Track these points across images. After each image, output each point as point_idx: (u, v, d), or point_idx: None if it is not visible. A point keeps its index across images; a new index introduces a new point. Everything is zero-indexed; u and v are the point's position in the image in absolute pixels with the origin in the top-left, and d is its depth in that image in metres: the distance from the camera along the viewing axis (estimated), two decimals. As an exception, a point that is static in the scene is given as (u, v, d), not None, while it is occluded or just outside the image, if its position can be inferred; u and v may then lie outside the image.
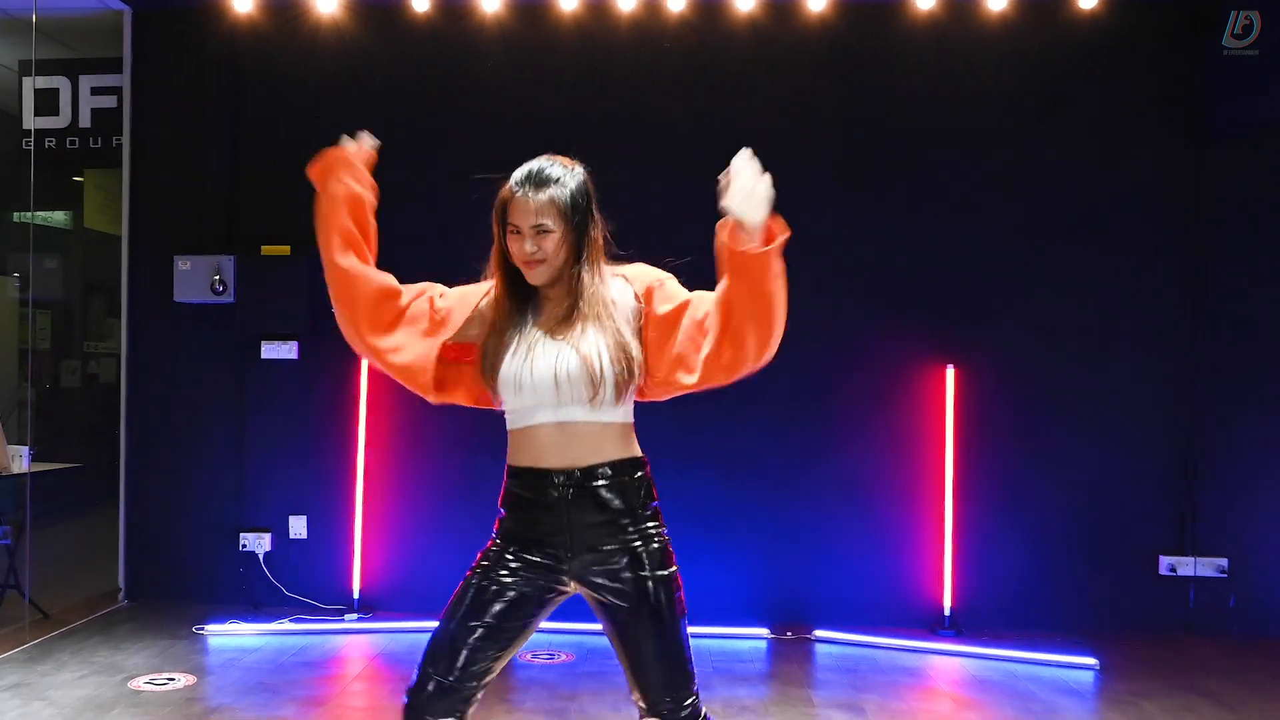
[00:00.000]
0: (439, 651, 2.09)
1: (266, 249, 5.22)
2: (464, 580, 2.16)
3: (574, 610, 4.83)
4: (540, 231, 2.01)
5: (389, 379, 4.73)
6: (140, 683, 4.20)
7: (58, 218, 6.57)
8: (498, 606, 2.09)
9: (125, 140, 5.45)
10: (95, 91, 5.63)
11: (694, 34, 5.23)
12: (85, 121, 5.63)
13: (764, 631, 4.99)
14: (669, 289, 2.14)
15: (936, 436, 5.19)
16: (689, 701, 2.10)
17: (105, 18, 5.48)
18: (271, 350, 5.30)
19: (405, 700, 2.12)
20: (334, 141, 2.32)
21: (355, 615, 5.17)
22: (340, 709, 4.07)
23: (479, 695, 2.11)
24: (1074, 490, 5.20)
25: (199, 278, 5.12)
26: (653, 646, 2.07)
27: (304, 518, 5.39)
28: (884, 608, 5.21)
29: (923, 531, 5.22)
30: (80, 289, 8.00)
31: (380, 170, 4.64)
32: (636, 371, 2.08)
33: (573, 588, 2.14)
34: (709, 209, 5.48)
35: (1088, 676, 4.50)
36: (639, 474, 2.12)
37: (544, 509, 2.09)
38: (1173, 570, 5.14)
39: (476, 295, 2.21)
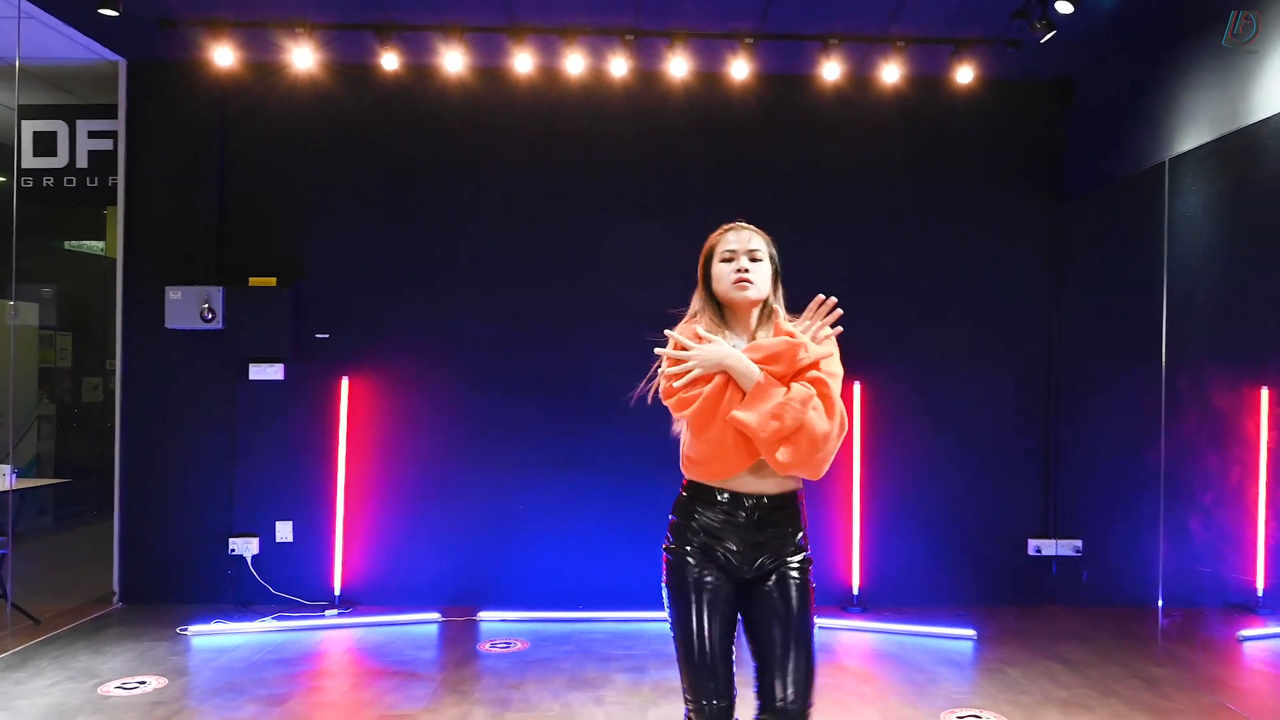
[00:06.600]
0: (705, 675, 2.09)
1: (254, 280, 5.06)
2: (684, 598, 2.11)
3: (529, 599, 4.94)
4: (754, 258, 2.18)
5: (368, 398, 4.99)
6: (111, 687, 3.90)
7: (95, 246, 6.43)
8: (726, 618, 2.12)
9: (120, 180, 5.19)
10: (92, 135, 5.49)
11: (635, 98, 5.22)
12: (82, 162, 5.48)
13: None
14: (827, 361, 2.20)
15: (846, 445, 5.25)
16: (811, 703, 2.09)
17: (102, 67, 5.20)
18: (259, 372, 5.15)
19: None
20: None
21: (336, 610, 4.99)
22: (299, 706, 3.75)
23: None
24: (958, 485, 5.26)
25: (189, 306, 4.99)
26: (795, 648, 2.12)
27: (289, 523, 5.25)
28: (804, 589, 5.47)
29: (836, 525, 5.26)
30: (107, 312, 7.56)
31: (355, 208, 4.72)
32: None
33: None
34: (645, 242, 5.07)
35: (967, 646, 4.62)
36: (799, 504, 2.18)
37: (733, 526, 2.11)
38: (1039, 551, 5.37)
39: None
